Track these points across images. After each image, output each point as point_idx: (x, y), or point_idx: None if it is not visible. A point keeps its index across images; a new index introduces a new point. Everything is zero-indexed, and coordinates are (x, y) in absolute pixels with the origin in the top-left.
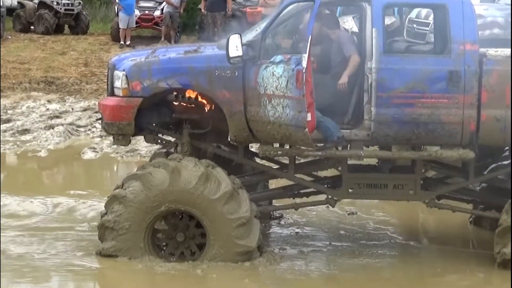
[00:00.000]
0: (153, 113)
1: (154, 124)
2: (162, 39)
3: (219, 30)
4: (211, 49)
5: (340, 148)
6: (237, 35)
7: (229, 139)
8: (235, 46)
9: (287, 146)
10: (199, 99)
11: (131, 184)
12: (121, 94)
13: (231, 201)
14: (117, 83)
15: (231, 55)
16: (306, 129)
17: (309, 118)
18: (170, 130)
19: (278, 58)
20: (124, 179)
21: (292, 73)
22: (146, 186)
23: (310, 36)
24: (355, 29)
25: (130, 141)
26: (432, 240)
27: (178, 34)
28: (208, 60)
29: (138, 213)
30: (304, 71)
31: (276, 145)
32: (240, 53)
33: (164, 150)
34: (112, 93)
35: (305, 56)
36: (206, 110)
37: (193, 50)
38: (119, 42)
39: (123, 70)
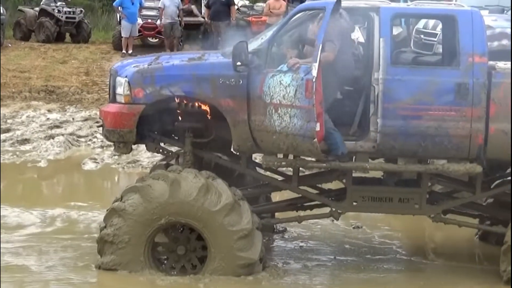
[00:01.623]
0: (155, 121)
1: (156, 132)
2: (167, 51)
3: (222, 40)
4: (215, 57)
5: (345, 160)
6: (244, 43)
7: (232, 149)
8: (241, 54)
9: (291, 157)
10: (203, 107)
11: (130, 197)
12: (123, 101)
13: (232, 213)
14: (119, 90)
15: (237, 63)
16: (315, 140)
17: (318, 128)
18: (172, 139)
19: (285, 66)
20: (123, 191)
21: (301, 82)
22: (145, 198)
23: (320, 45)
24: (362, 39)
25: (131, 149)
26: (438, 255)
27: (181, 43)
28: (212, 68)
29: (137, 226)
30: (314, 80)
31: (280, 156)
32: (246, 61)
33: (164, 162)
34: (114, 100)
35: (315, 65)
36: (209, 119)
37: (197, 58)
38: (121, 51)
39: (126, 77)
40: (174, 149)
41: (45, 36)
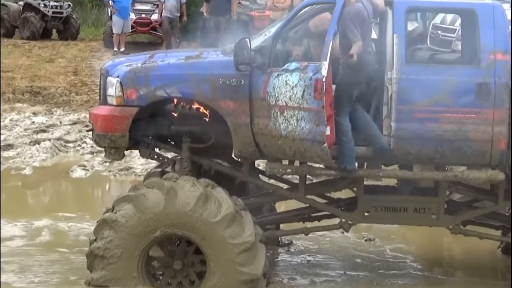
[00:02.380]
0: (149, 125)
1: (150, 137)
2: (164, 47)
3: (223, 36)
4: (214, 55)
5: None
6: (246, 40)
7: (233, 155)
8: (244, 52)
9: (297, 164)
10: (201, 109)
11: (122, 207)
12: (114, 103)
13: (233, 224)
14: (111, 91)
15: (239, 61)
16: (325, 144)
17: (328, 132)
18: (168, 144)
19: (293, 65)
20: (115, 201)
21: (309, 82)
22: (139, 209)
23: (331, 42)
24: (374, 36)
25: (123, 155)
26: (457, 270)
27: (178, 39)
28: (212, 67)
29: (130, 239)
30: (324, 80)
31: (285, 162)
32: (249, 60)
33: (160, 169)
34: (104, 102)
35: (325, 63)
36: (208, 122)
37: (195, 56)
38: (113, 48)
39: (117, 77)
40: (170, 155)
41: (30, 32)
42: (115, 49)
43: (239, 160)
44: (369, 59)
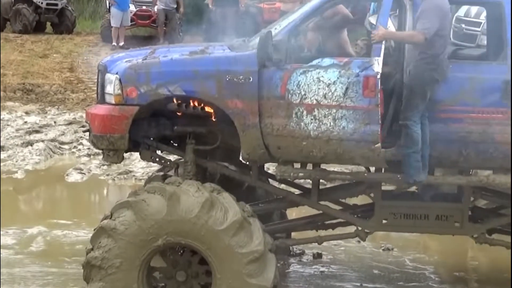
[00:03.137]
0: (150, 125)
1: (151, 138)
2: (161, 41)
3: (230, 29)
4: (221, 50)
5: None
6: (270, 33)
7: (241, 158)
8: (268, 46)
9: (310, 167)
10: (206, 109)
11: (121, 214)
12: (113, 102)
13: (240, 232)
14: (109, 89)
15: (264, 57)
16: (378, 144)
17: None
18: (171, 146)
19: (327, 61)
20: (113, 207)
21: (355, 79)
22: (139, 215)
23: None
24: (393, 29)
25: (123, 158)
26: (482, 282)
27: (180, 33)
28: (218, 63)
29: (130, 248)
30: (378, 76)
31: (297, 165)
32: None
33: (162, 173)
34: (102, 101)
35: (378, 59)
36: (214, 122)
37: (199, 51)
38: (111, 43)
39: (116, 73)
40: (172, 157)
41: (22, 25)
42: (114, 43)
43: (247, 163)
44: (445, 58)
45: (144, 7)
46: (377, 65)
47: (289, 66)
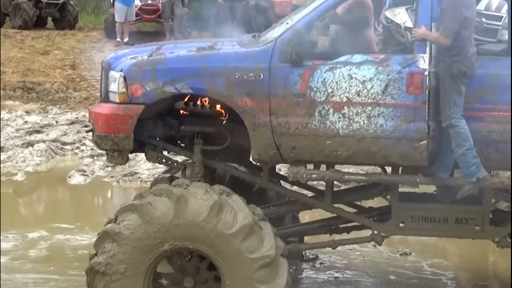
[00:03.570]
0: (156, 125)
1: (158, 139)
2: (167, 36)
3: (239, 24)
4: (230, 46)
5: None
6: (302, 27)
7: (251, 158)
8: (302, 43)
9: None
10: (215, 107)
11: (126, 217)
12: (117, 100)
13: (251, 236)
14: (113, 87)
15: (300, 53)
16: (423, 142)
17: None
18: (178, 147)
19: (359, 58)
20: (118, 211)
21: (396, 76)
22: (145, 219)
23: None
24: (409, 24)
25: (127, 159)
26: None
27: (188, 29)
28: (227, 59)
29: (135, 253)
30: (425, 73)
31: (310, 167)
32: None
33: (168, 174)
34: (106, 99)
35: (424, 56)
36: (223, 122)
37: (208, 47)
38: (115, 39)
39: (121, 70)
40: (180, 158)
41: (22, 21)
42: (118, 39)
43: (258, 164)
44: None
45: (149, 1)
46: (423, 62)
47: (309, 63)
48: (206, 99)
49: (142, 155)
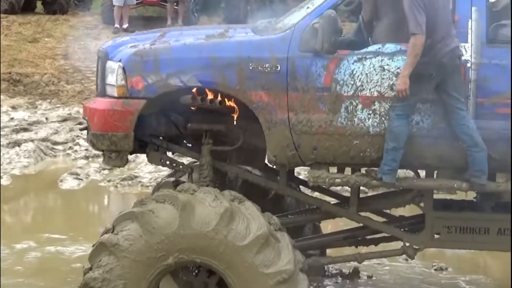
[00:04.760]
0: (160, 122)
1: (161, 138)
2: (169, 22)
3: (253, 10)
4: (243, 33)
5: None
6: (333, 12)
7: (266, 161)
8: (335, 28)
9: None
10: (226, 103)
11: (125, 227)
12: (115, 94)
13: (266, 248)
14: (111, 79)
15: (329, 41)
16: None
17: None
18: (184, 147)
19: (391, 47)
20: (116, 219)
21: None
22: (146, 229)
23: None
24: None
25: (127, 161)
26: None
27: (195, 14)
28: (239, 49)
29: (135, 268)
30: (470, 64)
31: (333, 170)
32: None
33: (173, 178)
34: (103, 93)
35: (466, 45)
36: (235, 119)
37: (218, 34)
38: (113, 25)
39: (119, 61)
40: (186, 160)
41: (8, 4)
42: (116, 25)
43: (274, 167)
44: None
45: None
46: (465, 52)
47: (336, 54)
48: (216, 93)
49: (143, 157)
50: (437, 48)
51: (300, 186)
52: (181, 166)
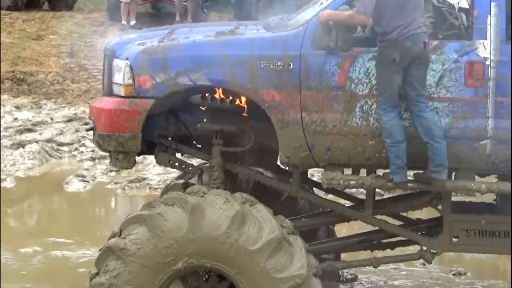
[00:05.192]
0: (168, 122)
1: (169, 138)
2: (177, 18)
3: (264, 6)
4: (254, 30)
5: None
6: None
7: (278, 162)
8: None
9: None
10: (237, 102)
11: (133, 231)
12: (122, 93)
13: (278, 252)
14: (118, 77)
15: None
16: (483, 141)
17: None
18: (193, 148)
19: None
20: (123, 223)
21: (453, 65)
22: (155, 233)
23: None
24: (464, 4)
25: (134, 163)
26: None
27: (205, 10)
28: (250, 46)
29: (143, 273)
30: (487, 63)
31: (348, 171)
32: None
33: (182, 180)
34: (109, 92)
35: (485, 42)
36: (246, 119)
37: (228, 31)
38: (120, 21)
39: (127, 59)
40: (195, 162)
41: (12, 1)
42: (123, 22)
43: (287, 168)
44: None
45: None
46: (484, 49)
47: (351, 51)
48: (227, 92)
49: (151, 158)
50: (400, 33)
51: (314, 188)
52: (190, 168)
